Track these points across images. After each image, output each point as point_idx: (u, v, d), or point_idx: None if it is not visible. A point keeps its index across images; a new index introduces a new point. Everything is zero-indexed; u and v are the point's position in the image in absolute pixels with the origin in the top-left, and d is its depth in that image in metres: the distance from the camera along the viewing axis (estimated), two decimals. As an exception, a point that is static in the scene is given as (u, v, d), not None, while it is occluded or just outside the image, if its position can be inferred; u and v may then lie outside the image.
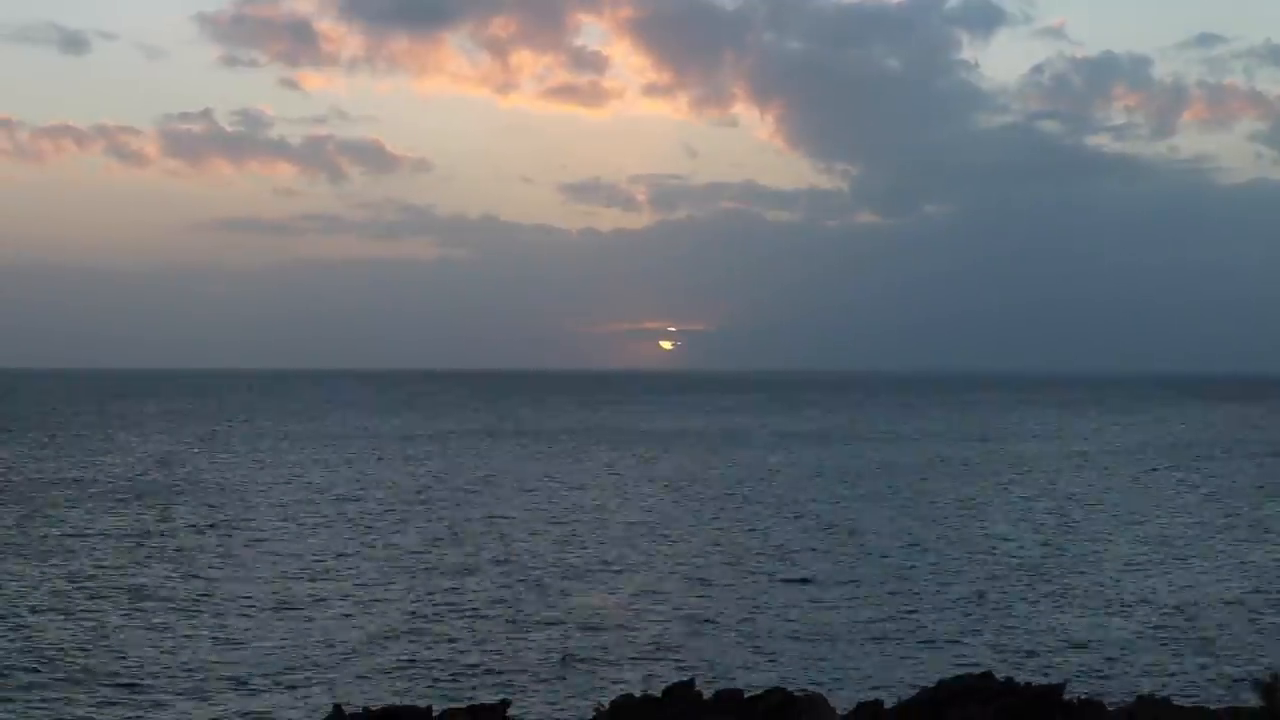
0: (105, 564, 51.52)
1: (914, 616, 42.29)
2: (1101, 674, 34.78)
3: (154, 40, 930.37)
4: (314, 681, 33.68)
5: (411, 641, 38.29)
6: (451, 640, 38.49)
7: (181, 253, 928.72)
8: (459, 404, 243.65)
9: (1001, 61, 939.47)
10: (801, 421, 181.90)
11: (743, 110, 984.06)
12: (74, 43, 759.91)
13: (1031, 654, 37.12)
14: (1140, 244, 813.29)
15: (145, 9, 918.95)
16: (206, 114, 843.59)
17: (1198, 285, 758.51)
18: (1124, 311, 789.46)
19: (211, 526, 63.62)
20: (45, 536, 59.22)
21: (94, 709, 31.29)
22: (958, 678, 25.95)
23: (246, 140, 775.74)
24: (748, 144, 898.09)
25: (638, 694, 26.86)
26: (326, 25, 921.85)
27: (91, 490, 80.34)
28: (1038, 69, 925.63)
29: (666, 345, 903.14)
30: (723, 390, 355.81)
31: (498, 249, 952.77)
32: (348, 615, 42.00)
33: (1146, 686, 32.27)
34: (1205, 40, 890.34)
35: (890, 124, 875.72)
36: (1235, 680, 33.58)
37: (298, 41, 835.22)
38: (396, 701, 29.26)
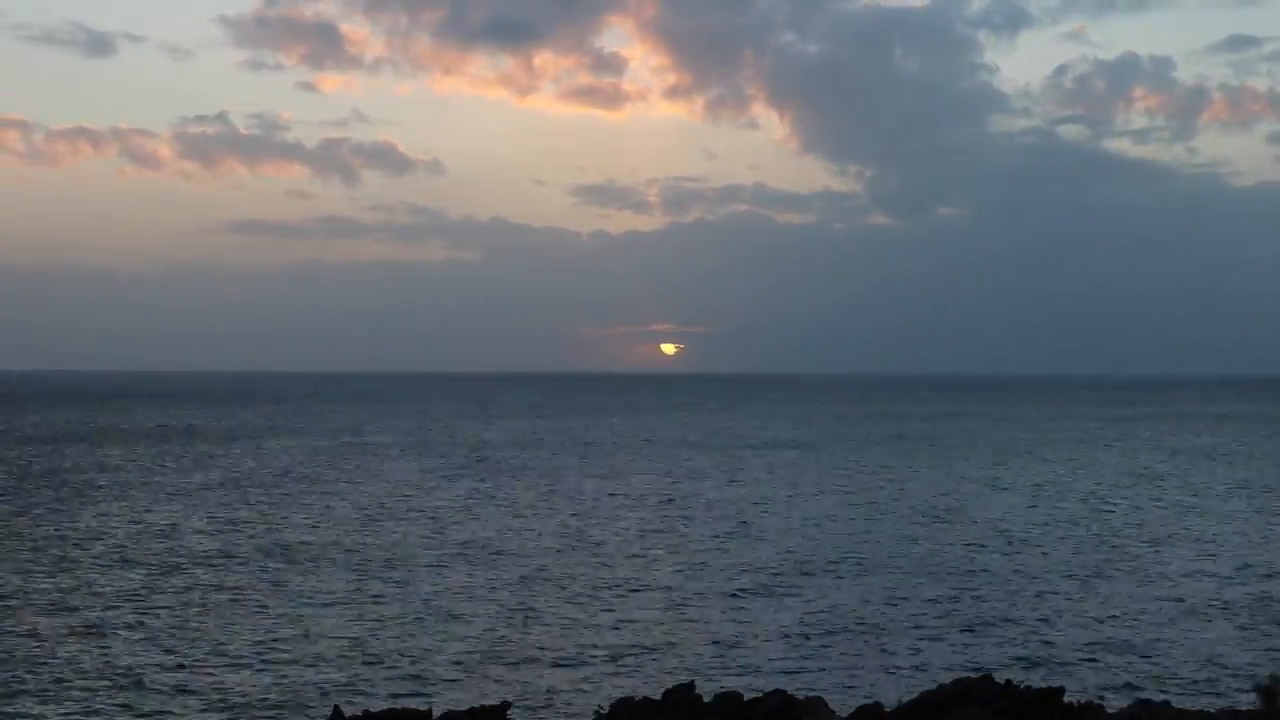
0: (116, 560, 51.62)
1: (914, 619, 42.25)
2: (1101, 677, 34.75)
3: (181, 42, 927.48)
4: (314, 683, 33.65)
5: (412, 643, 38.27)
6: (452, 642, 38.46)
7: (198, 254, 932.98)
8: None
9: (1023, 64, 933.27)
10: (792, 427, 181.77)
11: (761, 112, 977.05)
12: (100, 44, 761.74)
13: (1031, 657, 37.09)
14: (1159, 247, 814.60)
15: (174, 11, 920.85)
16: (222, 116, 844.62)
17: (1213, 288, 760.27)
18: (1140, 314, 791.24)
19: (207, 525, 63.76)
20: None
21: (86, 706, 31.28)
22: (958, 680, 25.95)
23: (263, 143, 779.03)
24: (765, 146, 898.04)
25: (638, 696, 26.85)
26: (351, 27, 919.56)
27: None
28: (1059, 71, 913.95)
29: (669, 349, 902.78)
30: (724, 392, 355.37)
31: (508, 251, 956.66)
32: (347, 617, 41.98)
33: (1146, 689, 32.32)
34: (1236, 43, 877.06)
35: (908, 127, 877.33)
36: (1235, 683, 33.56)
37: (322, 44, 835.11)
38: (396, 703, 29.26)
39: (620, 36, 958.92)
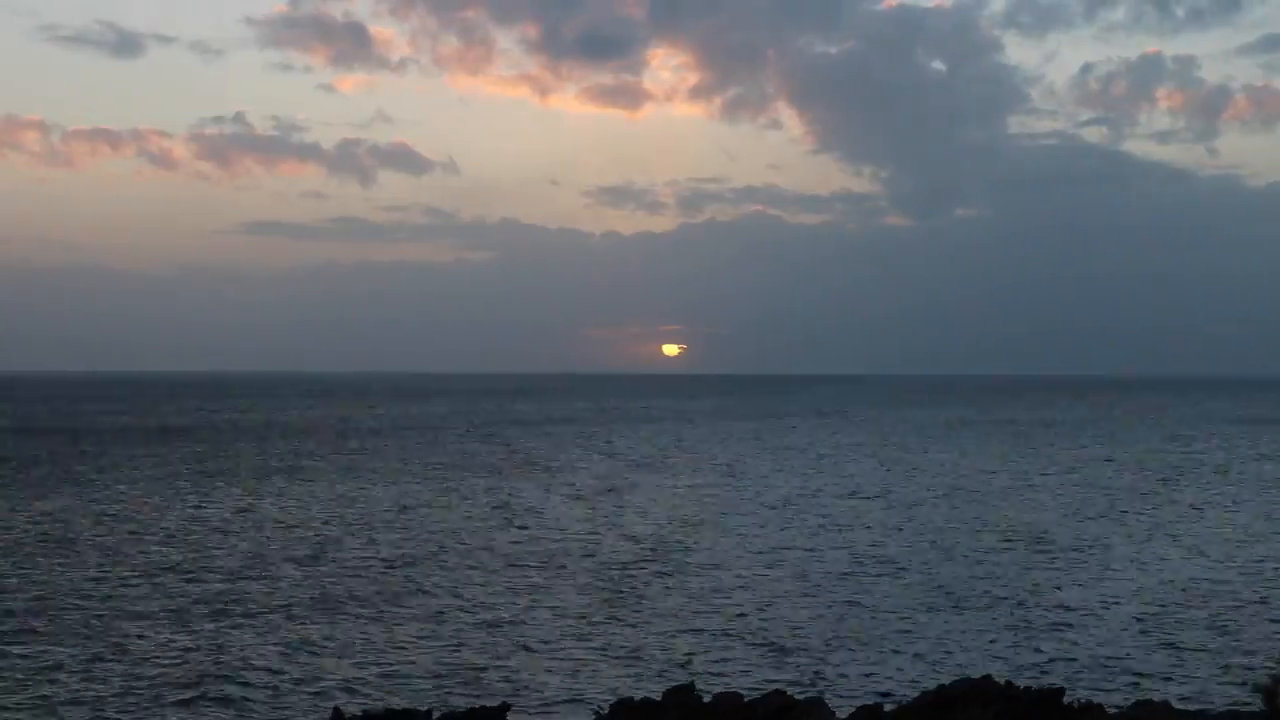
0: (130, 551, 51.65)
1: (914, 619, 42.24)
2: (1102, 677, 34.72)
3: (210, 43, 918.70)
4: (313, 684, 33.63)
5: (411, 644, 38.26)
6: (451, 643, 38.45)
7: (214, 256, 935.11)
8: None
9: (1047, 64, 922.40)
10: (788, 422, 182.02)
11: (782, 113, 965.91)
12: (128, 45, 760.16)
13: (1032, 657, 37.07)
14: (1178, 248, 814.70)
15: (207, 11, 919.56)
16: (240, 117, 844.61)
17: (1231, 289, 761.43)
18: (1156, 316, 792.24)
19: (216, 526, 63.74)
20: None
21: (85, 705, 31.26)
22: (958, 680, 25.95)
23: (281, 144, 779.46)
24: (785, 147, 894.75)
25: (637, 697, 26.86)
26: (379, 28, 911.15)
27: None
28: (1084, 71, 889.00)
29: (672, 350, 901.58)
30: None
31: (519, 253, 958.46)
32: (346, 618, 41.97)
33: (1147, 690, 32.29)
34: (1269, 42, 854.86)
35: (929, 127, 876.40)
36: (1236, 683, 33.53)
37: (349, 44, 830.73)
38: (396, 705, 29.26)
39: (641, 37, 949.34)
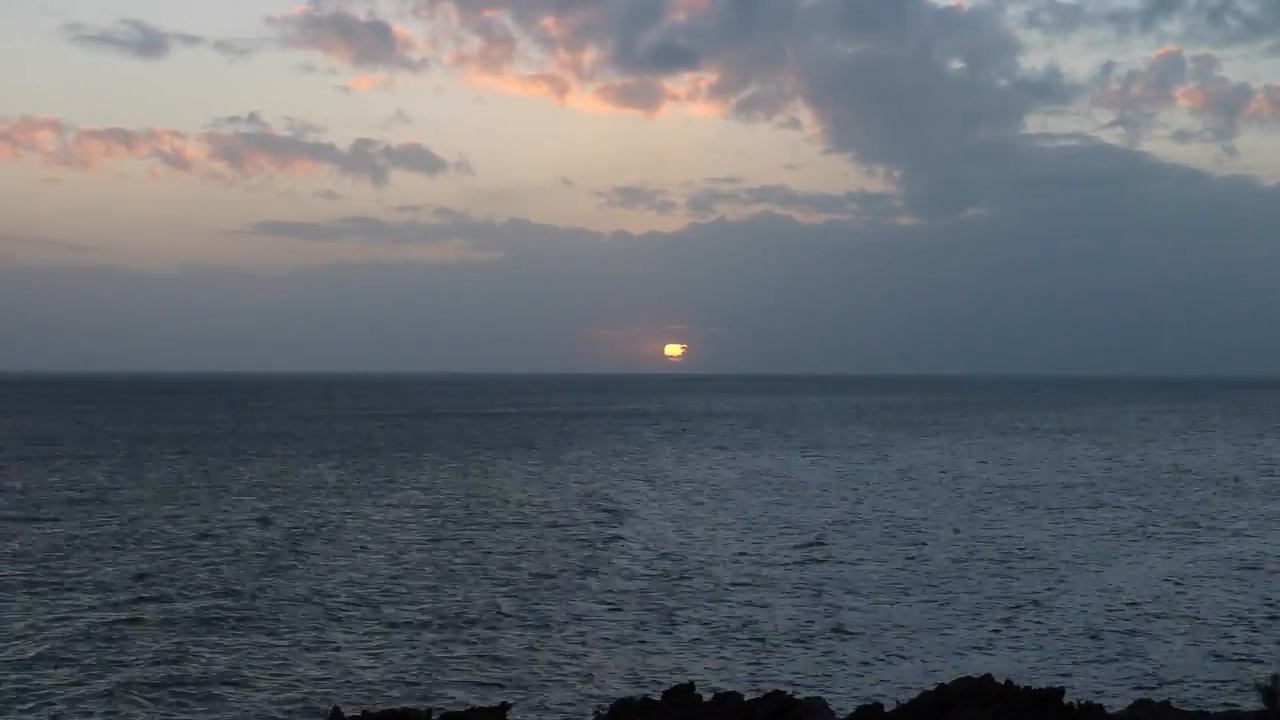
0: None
1: (914, 619, 42.27)
2: (1102, 678, 34.74)
3: (236, 43, 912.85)
4: (314, 684, 33.64)
5: (411, 644, 38.26)
6: (451, 643, 38.45)
7: (227, 256, 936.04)
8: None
9: (1065, 64, 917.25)
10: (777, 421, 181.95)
11: (799, 112, 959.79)
12: (153, 44, 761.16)
13: (1032, 657, 37.09)
14: (1192, 249, 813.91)
15: (234, 11, 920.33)
16: (255, 117, 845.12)
17: (1247, 289, 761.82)
18: (1167, 316, 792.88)
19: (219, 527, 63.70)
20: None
21: (82, 706, 31.26)
22: (958, 680, 25.92)
23: (293, 144, 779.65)
24: (802, 147, 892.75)
25: (637, 697, 26.86)
26: (401, 28, 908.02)
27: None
28: (1104, 70, 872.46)
29: (674, 350, 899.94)
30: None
31: (530, 253, 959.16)
32: (347, 618, 41.97)
33: (1147, 690, 32.29)
34: None
35: (945, 127, 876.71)
36: (1236, 683, 33.54)
37: (370, 43, 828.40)
38: (396, 704, 29.25)
39: (655, 37, 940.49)
